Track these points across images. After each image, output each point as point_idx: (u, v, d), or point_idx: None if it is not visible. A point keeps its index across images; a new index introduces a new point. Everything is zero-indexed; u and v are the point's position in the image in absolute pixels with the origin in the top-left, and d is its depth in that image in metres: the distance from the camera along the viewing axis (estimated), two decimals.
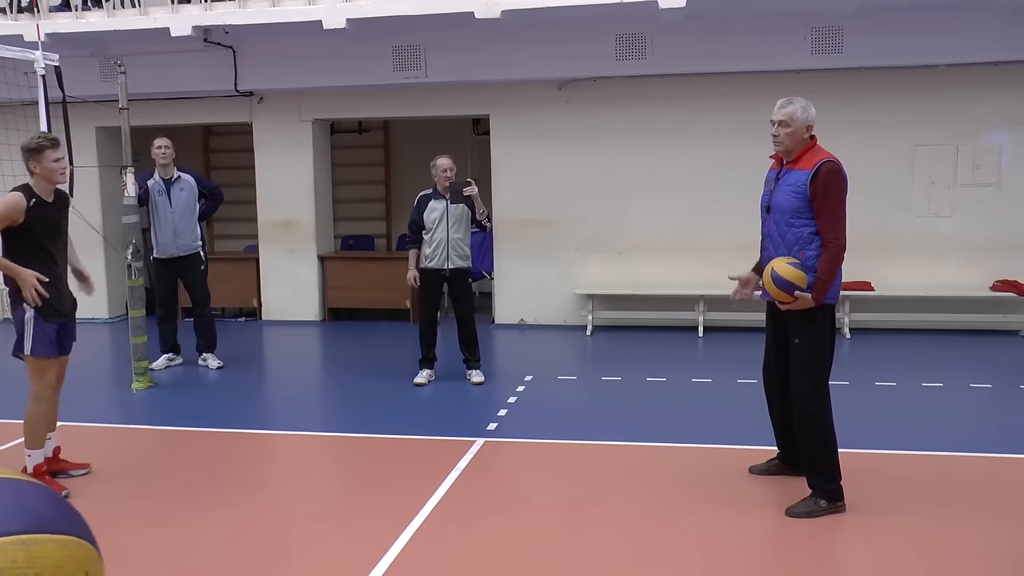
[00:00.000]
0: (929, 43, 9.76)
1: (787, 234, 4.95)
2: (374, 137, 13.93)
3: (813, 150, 5.00)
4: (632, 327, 10.86)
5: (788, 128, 4.98)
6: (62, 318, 5.50)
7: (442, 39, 10.60)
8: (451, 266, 8.01)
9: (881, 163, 10.35)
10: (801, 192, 4.88)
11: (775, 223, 5.03)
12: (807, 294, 4.81)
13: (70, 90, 7.88)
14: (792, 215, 4.92)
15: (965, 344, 9.80)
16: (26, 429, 5.39)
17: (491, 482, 5.76)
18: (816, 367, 4.96)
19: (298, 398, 8.17)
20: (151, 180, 8.81)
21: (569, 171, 10.99)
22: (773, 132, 5.03)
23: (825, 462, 4.97)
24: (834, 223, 4.84)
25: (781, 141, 5.02)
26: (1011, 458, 5.93)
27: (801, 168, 4.93)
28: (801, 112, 4.97)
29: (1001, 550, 4.46)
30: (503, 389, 7.99)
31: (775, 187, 5.06)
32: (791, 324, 5.01)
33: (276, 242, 11.96)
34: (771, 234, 5.08)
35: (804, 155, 4.98)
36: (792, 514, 4.94)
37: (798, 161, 4.98)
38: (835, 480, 4.98)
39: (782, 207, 4.97)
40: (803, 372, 4.96)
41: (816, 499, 4.98)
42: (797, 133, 4.98)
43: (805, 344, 4.96)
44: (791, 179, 4.96)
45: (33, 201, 5.27)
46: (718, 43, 10.09)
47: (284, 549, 4.66)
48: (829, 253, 4.82)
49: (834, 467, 4.97)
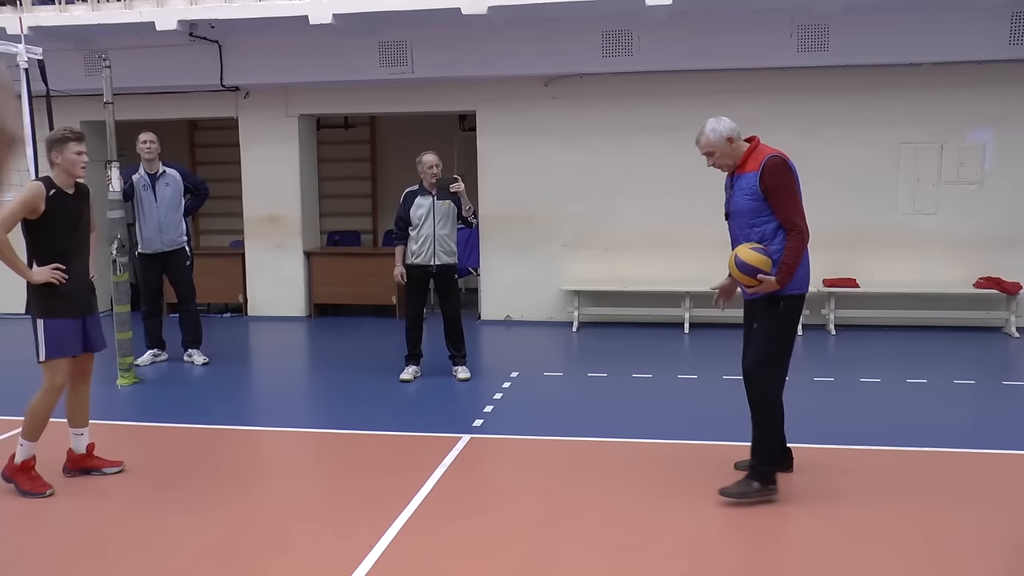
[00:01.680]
0: (915, 42, 9.81)
1: (751, 235, 5.08)
2: (360, 133, 13.91)
3: (756, 151, 5.12)
4: (618, 323, 10.88)
5: (714, 154, 5.12)
6: (81, 313, 5.48)
7: (429, 35, 10.58)
8: (437, 262, 8.00)
9: (866, 161, 10.41)
10: (754, 193, 5.02)
11: (737, 227, 5.18)
12: (771, 277, 4.93)
13: (54, 84, 7.84)
14: (751, 216, 5.06)
15: (949, 340, 9.86)
16: (26, 418, 5.38)
17: (477, 479, 5.76)
18: (773, 353, 5.08)
19: (283, 394, 8.16)
20: (136, 175, 8.77)
21: (555, 167, 10.99)
22: (709, 164, 5.20)
23: (764, 445, 5.12)
24: (792, 211, 4.98)
25: (721, 165, 5.17)
26: (992, 454, 5.97)
27: (749, 171, 5.07)
28: (713, 134, 5.08)
29: (996, 542, 4.49)
30: (489, 385, 8.00)
31: (732, 194, 5.20)
32: (755, 311, 5.16)
33: (262, 237, 11.93)
34: (736, 238, 5.21)
35: (748, 158, 5.11)
36: (726, 494, 5.07)
37: (744, 165, 5.11)
38: (770, 464, 5.11)
39: (742, 211, 5.11)
40: (758, 355, 5.09)
41: (750, 481, 5.11)
42: (724, 152, 5.11)
43: (764, 329, 5.09)
44: (743, 183, 5.10)
45: (53, 192, 5.28)
46: (704, 40, 10.11)
47: (268, 546, 4.65)
48: (792, 239, 4.95)
49: (771, 451, 5.12)
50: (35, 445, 5.39)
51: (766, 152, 5.08)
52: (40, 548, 4.68)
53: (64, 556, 4.55)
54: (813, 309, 10.42)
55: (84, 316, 5.51)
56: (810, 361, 9.10)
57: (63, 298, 5.35)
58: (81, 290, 5.50)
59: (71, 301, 5.40)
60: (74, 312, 5.42)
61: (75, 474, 5.70)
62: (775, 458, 5.16)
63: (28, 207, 5.20)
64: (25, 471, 5.34)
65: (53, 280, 5.28)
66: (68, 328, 5.39)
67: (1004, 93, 10.13)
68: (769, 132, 10.23)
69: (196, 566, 4.39)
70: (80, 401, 5.70)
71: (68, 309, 5.38)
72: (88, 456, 5.76)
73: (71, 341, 5.41)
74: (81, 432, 5.72)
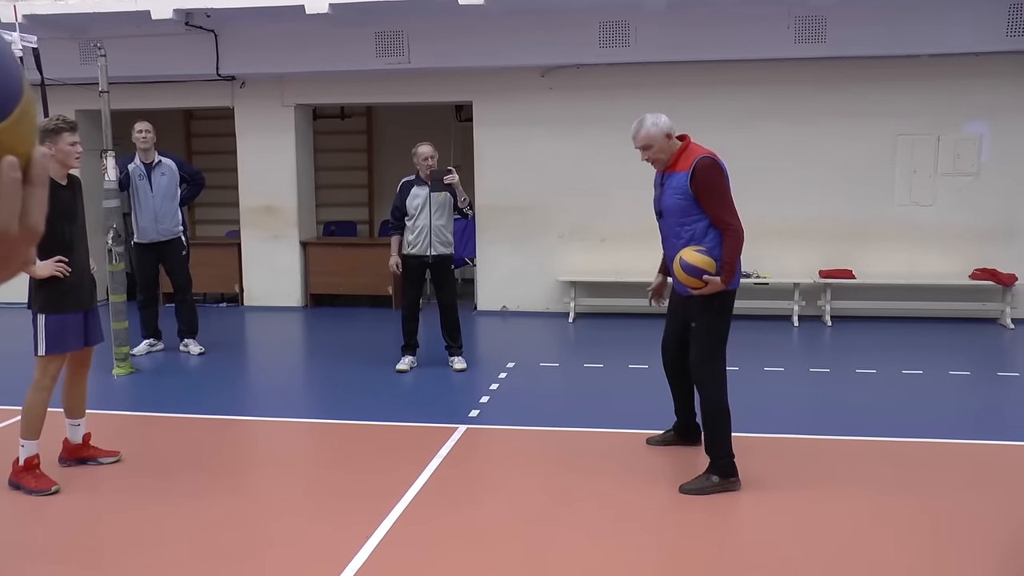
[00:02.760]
0: (912, 33, 9.80)
1: (681, 233, 5.19)
2: (357, 123, 13.88)
3: (687, 151, 5.19)
4: (614, 314, 10.89)
5: (652, 148, 5.20)
6: (83, 307, 5.46)
7: (425, 25, 10.56)
8: (434, 253, 7.99)
9: (863, 152, 10.41)
10: (684, 193, 5.10)
11: (668, 225, 5.30)
12: (716, 278, 5.01)
13: (49, 73, 7.81)
14: (681, 216, 5.16)
15: (945, 332, 9.88)
16: (23, 417, 5.33)
17: (473, 469, 5.77)
18: (714, 349, 5.20)
19: (279, 384, 8.16)
20: (132, 164, 8.75)
21: (552, 158, 10.98)
22: (643, 159, 5.29)
23: (720, 439, 5.17)
24: (725, 211, 5.07)
25: (656, 160, 5.25)
26: (987, 444, 5.99)
27: (679, 170, 5.15)
28: (654, 128, 5.17)
29: (990, 533, 4.50)
30: (485, 376, 8.00)
31: (662, 192, 5.29)
32: (691, 309, 5.24)
33: (258, 228, 11.91)
34: (667, 236, 5.34)
35: (680, 157, 5.19)
36: (686, 490, 5.12)
37: (676, 164, 5.20)
38: (728, 456, 5.17)
39: (672, 210, 5.21)
40: (702, 354, 5.22)
41: (709, 475, 5.18)
42: (662, 147, 5.19)
43: (702, 328, 5.20)
44: (673, 183, 5.18)
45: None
46: (701, 31, 10.09)
47: (264, 536, 4.66)
48: (729, 238, 5.05)
49: (727, 443, 5.18)
50: (37, 443, 5.32)
51: (697, 152, 5.15)
52: (36, 539, 4.68)
53: (60, 546, 4.56)
54: (809, 300, 10.44)
55: (86, 310, 5.50)
56: (806, 352, 9.13)
57: (66, 292, 5.31)
58: (83, 283, 5.47)
59: (74, 295, 5.37)
60: (76, 306, 5.39)
61: (71, 464, 5.70)
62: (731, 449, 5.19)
63: None
64: (29, 470, 5.28)
65: (58, 273, 5.24)
66: (69, 323, 5.35)
67: (1001, 85, 10.13)
68: (766, 123, 10.36)
69: (191, 556, 4.39)
70: (77, 391, 5.69)
71: (70, 303, 5.35)
72: (84, 446, 5.75)
73: (72, 337, 5.38)
74: (78, 422, 5.72)
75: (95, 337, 5.59)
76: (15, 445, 5.35)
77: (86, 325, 5.49)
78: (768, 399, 7.05)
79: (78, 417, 5.70)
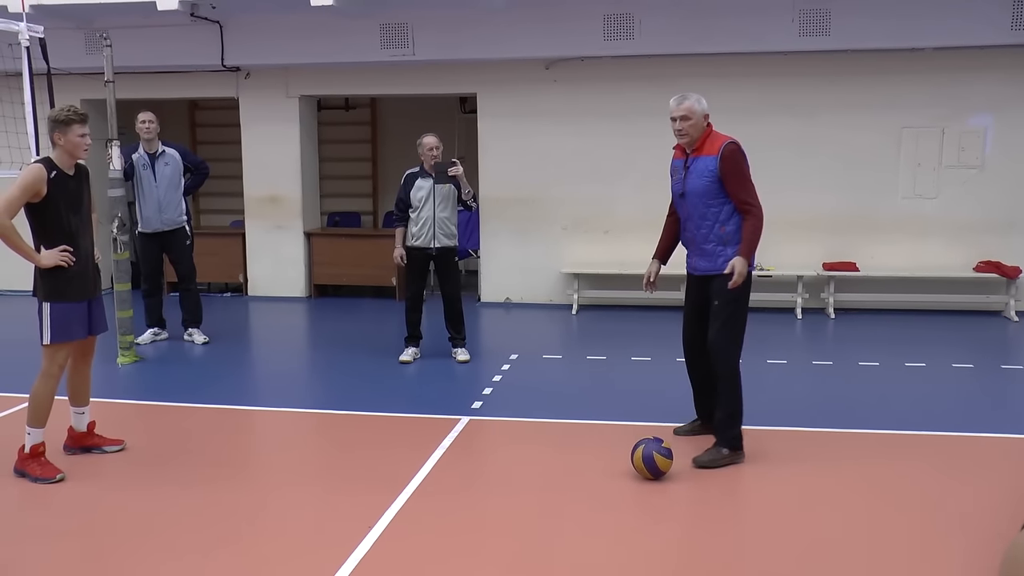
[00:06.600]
0: (916, 26, 9.78)
1: (706, 214, 5.47)
2: (361, 114, 13.89)
3: (711, 136, 5.49)
4: (617, 306, 10.90)
5: (689, 121, 5.44)
6: (87, 296, 5.47)
7: (430, 17, 10.55)
8: (437, 244, 8.00)
9: (867, 145, 10.40)
10: (712, 175, 5.39)
11: (692, 206, 5.52)
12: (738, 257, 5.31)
13: (55, 62, 7.82)
14: (708, 198, 5.43)
15: (948, 324, 9.88)
16: (30, 406, 5.35)
17: (475, 460, 5.79)
18: (735, 328, 5.49)
19: (283, 374, 8.18)
20: (136, 154, 8.76)
21: (556, 150, 10.98)
22: (677, 128, 5.48)
23: (732, 413, 5.48)
24: (748, 193, 5.40)
25: (686, 133, 5.47)
26: (991, 437, 6.00)
27: (706, 154, 5.44)
28: (697, 104, 5.45)
29: (990, 525, 4.52)
30: (488, 367, 8.02)
31: (686, 175, 5.53)
32: (713, 289, 5.50)
33: (262, 218, 11.93)
34: (691, 216, 5.56)
35: (705, 142, 5.48)
36: (699, 463, 5.40)
37: (701, 148, 5.48)
38: (737, 429, 5.48)
39: (697, 191, 5.46)
40: (724, 332, 5.47)
41: (719, 448, 5.48)
42: (698, 124, 5.46)
43: (724, 305, 5.45)
44: (699, 166, 5.45)
45: (54, 173, 5.21)
46: (706, 24, 10.08)
47: (268, 525, 4.69)
48: (753, 218, 5.37)
49: (738, 418, 5.49)
50: (43, 431, 5.35)
51: (722, 138, 5.46)
52: (41, 527, 4.71)
53: (65, 534, 4.58)
54: (813, 292, 10.44)
55: (90, 299, 5.52)
56: (809, 344, 9.13)
57: (70, 281, 5.32)
58: (87, 272, 5.48)
59: (78, 284, 5.38)
60: (80, 295, 5.41)
61: (76, 452, 5.73)
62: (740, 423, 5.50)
63: (30, 191, 5.13)
64: (35, 457, 5.32)
65: (62, 262, 5.25)
66: (74, 312, 5.37)
67: (1006, 78, 10.11)
68: (770, 116, 10.35)
69: (194, 544, 4.42)
70: (81, 380, 5.72)
71: (75, 292, 5.36)
72: (89, 434, 5.79)
73: (76, 325, 5.40)
74: (82, 410, 5.75)
75: (99, 326, 5.61)
76: (21, 433, 5.38)
77: (90, 314, 5.51)
78: (771, 392, 7.05)
79: (82, 405, 5.73)
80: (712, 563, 4.23)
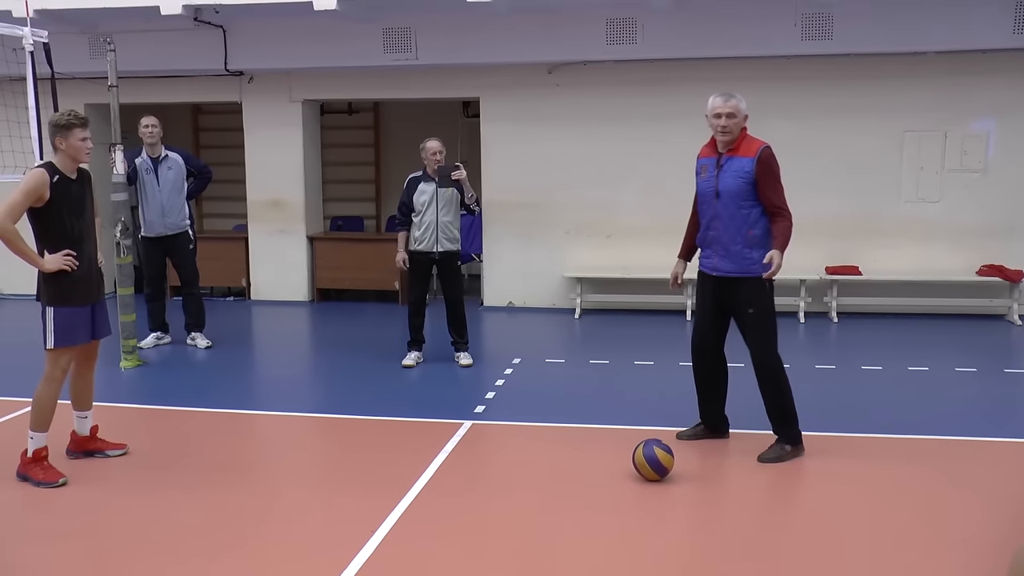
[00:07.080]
0: (919, 30, 9.78)
1: (736, 215, 5.50)
2: (364, 118, 13.89)
3: (747, 139, 5.56)
4: (620, 310, 10.89)
5: (735, 119, 5.47)
6: (91, 300, 5.47)
7: (433, 21, 10.57)
8: (440, 249, 8.01)
9: (870, 149, 10.40)
10: (747, 177, 5.44)
11: (724, 206, 5.54)
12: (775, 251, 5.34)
13: (59, 67, 7.84)
14: (741, 198, 5.48)
15: (951, 328, 9.87)
16: (33, 410, 5.36)
17: (479, 464, 5.80)
18: (771, 329, 5.60)
19: (286, 379, 8.19)
20: (139, 158, 8.77)
21: (559, 155, 10.99)
22: (722, 125, 5.47)
23: (788, 412, 5.61)
24: (780, 198, 5.48)
25: (730, 131, 5.49)
26: (994, 442, 6.00)
27: (743, 155, 5.49)
28: (742, 103, 5.50)
29: (992, 529, 4.51)
30: (491, 372, 8.02)
31: (718, 174, 5.55)
32: (742, 296, 5.56)
33: (265, 222, 11.95)
34: (720, 215, 5.57)
35: (741, 143, 5.53)
36: (765, 460, 5.53)
37: (737, 148, 5.52)
38: (796, 426, 5.62)
39: (731, 192, 5.50)
40: (761, 336, 5.58)
41: (782, 445, 5.61)
42: (740, 123, 5.52)
43: (760, 311, 5.55)
44: (735, 166, 5.49)
45: (57, 178, 5.22)
46: (708, 28, 10.09)
47: (272, 529, 4.69)
48: (785, 219, 5.46)
49: (794, 415, 5.62)
50: (46, 435, 5.35)
51: (758, 142, 5.51)
52: (44, 531, 4.71)
53: (68, 538, 4.59)
54: (815, 296, 10.44)
55: (93, 303, 5.53)
56: (812, 348, 9.13)
57: (74, 286, 5.33)
58: (91, 277, 5.49)
59: (81, 288, 5.39)
60: (84, 300, 5.42)
61: (79, 456, 5.74)
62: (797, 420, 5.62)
63: (33, 196, 5.14)
64: (38, 461, 5.32)
65: (65, 267, 5.26)
66: (78, 316, 5.37)
67: (1008, 82, 10.11)
68: (773, 120, 10.28)
69: (197, 548, 4.42)
70: (85, 384, 5.72)
71: (78, 297, 5.37)
72: (92, 438, 5.79)
73: (80, 329, 5.40)
74: (85, 415, 5.75)
75: (102, 330, 5.62)
76: (23, 437, 5.38)
77: (93, 318, 5.52)
78: None
79: (85, 409, 5.74)
80: (714, 565, 4.23)
